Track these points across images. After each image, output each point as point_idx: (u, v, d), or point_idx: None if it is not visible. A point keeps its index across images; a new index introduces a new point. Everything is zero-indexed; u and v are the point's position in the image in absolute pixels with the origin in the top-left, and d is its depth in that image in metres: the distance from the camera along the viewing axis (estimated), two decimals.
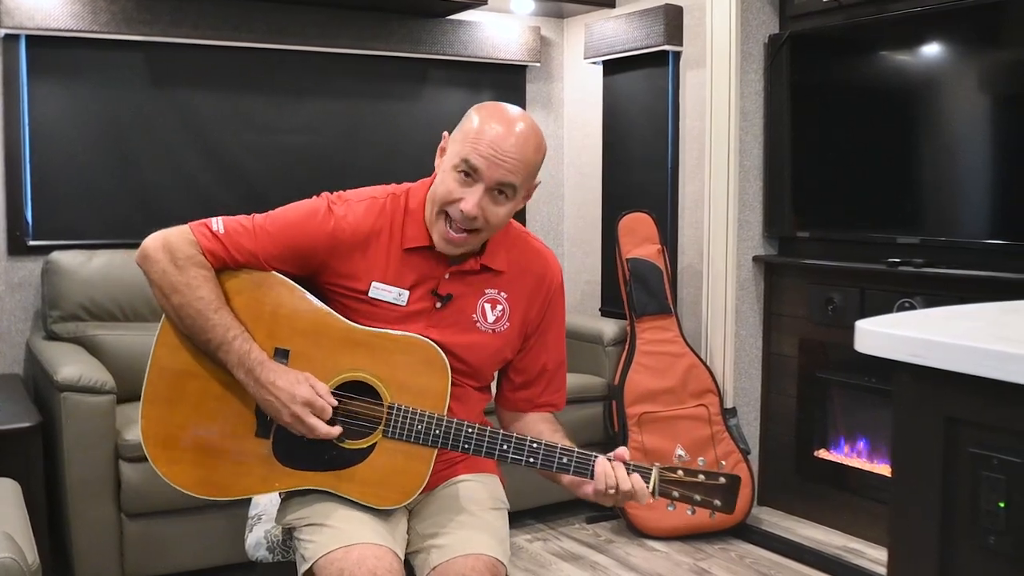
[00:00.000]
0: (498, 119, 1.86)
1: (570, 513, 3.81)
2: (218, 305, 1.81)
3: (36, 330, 3.50)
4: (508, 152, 1.81)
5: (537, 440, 1.84)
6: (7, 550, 1.73)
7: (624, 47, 4.11)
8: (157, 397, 1.85)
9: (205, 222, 1.86)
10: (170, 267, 1.82)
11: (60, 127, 3.55)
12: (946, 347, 1.27)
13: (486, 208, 1.81)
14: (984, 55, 3.09)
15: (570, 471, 1.83)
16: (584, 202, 4.57)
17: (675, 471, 1.87)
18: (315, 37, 3.92)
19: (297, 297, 1.86)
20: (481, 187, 1.80)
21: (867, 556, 3.34)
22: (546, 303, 2.02)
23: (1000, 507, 1.24)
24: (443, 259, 1.91)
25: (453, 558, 1.79)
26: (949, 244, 3.14)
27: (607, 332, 3.84)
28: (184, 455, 1.84)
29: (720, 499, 1.88)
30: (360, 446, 1.83)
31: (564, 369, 2.09)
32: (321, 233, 1.86)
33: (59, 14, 3.43)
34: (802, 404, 3.74)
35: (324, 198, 1.92)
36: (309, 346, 1.84)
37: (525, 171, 1.85)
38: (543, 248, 2.06)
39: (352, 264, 1.88)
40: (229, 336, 1.79)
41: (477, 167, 1.80)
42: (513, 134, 1.83)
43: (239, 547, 2.16)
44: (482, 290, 1.94)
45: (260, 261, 1.85)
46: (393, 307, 1.88)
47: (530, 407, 2.05)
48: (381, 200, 1.92)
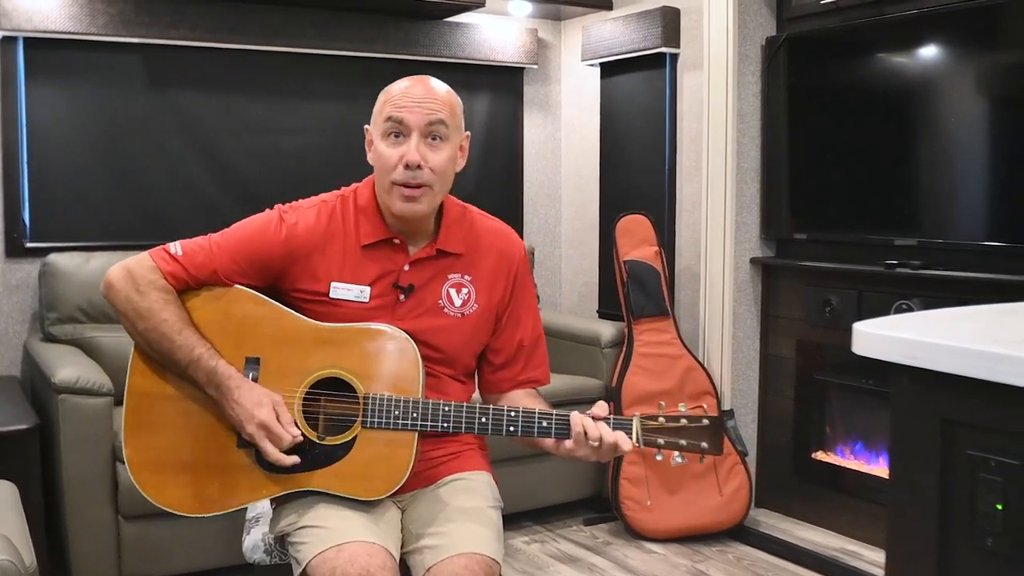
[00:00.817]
0: (403, 80, 1.94)
1: (567, 515, 3.81)
2: (181, 326, 1.84)
3: (33, 332, 3.50)
4: (423, 95, 1.89)
5: (514, 409, 1.86)
6: (4, 552, 1.73)
7: (621, 49, 4.12)
8: (138, 425, 1.88)
9: (164, 247, 1.92)
10: (133, 294, 1.87)
11: (58, 129, 3.54)
12: (943, 349, 1.27)
13: (426, 155, 1.87)
14: (981, 57, 3.09)
15: (551, 434, 1.84)
16: (581, 204, 4.58)
17: (656, 419, 1.86)
18: (312, 39, 3.93)
19: (261, 306, 1.90)
20: (413, 136, 1.87)
21: (865, 558, 3.34)
22: (512, 279, 2.03)
23: (997, 509, 1.24)
24: (401, 251, 1.95)
25: (447, 558, 1.79)
26: (946, 246, 3.14)
27: (604, 334, 3.84)
28: (171, 477, 1.86)
29: (707, 441, 1.87)
30: (341, 441, 1.84)
31: (543, 343, 2.10)
32: (275, 242, 1.91)
33: (57, 16, 3.43)
34: (799, 406, 3.75)
35: (276, 209, 1.97)
36: (278, 352, 1.87)
37: (447, 108, 1.92)
38: (501, 226, 2.08)
39: (310, 268, 1.92)
40: (195, 355, 1.83)
41: (401, 118, 1.87)
42: (421, 82, 1.93)
43: (236, 549, 2.16)
44: (445, 275, 1.97)
45: (221, 277, 1.89)
46: (357, 305, 1.92)
47: (512, 385, 2.06)
48: (331, 203, 1.97)
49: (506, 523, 2.02)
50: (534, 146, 4.62)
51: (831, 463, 3.66)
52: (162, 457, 1.86)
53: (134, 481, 1.87)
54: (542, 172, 4.66)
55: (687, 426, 1.86)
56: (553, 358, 3.88)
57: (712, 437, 1.87)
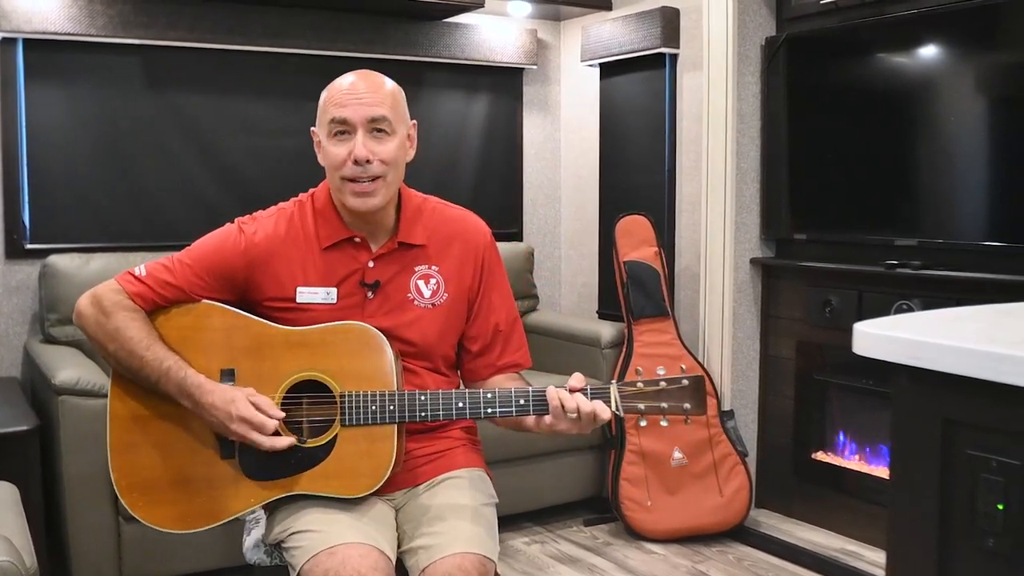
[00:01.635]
0: (341, 78, 1.96)
1: (567, 516, 3.81)
2: (149, 342, 1.86)
3: (34, 333, 3.50)
4: (364, 90, 1.90)
5: (491, 391, 1.86)
6: (5, 553, 1.73)
7: (621, 49, 4.12)
8: (121, 446, 1.89)
9: (129, 271, 1.94)
10: (100, 317, 1.89)
11: (57, 130, 3.54)
12: (944, 349, 1.27)
13: (372, 148, 1.88)
14: (981, 57, 3.09)
15: (529, 411, 1.84)
16: (581, 204, 4.58)
17: (634, 384, 1.84)
18: (312, 40, 3.93)
19: (229, 317, 1.91)
20: (359, 132, 1.88)
21: (865, 558, 3.34)
22: (479, 265, 2.04)
23: (998, 509, 1.24)
24: (363, 249, 1.96)
25: (440, 558, 1.80)
26: (947, 246, 3.14)
27: (604, 334, 3.84)
28: (159, 496, 1.88)
29: (689, 402, 1.84)
30: (322, 442, 1.85)
31: (519, 327, 2.10)
32: (235, 254, 1.93)
33: (56, 17, 3.43)
34: (800, 406, 3.74)
35: (236, 222, 1.99)
36: (252, 361, 1.88)
37: (388, 101, 1.93)
38: (463, 213, 2.09)
39: (274, 276, 1.93)
40: (163, 368, 1.84)
41: (344, 117, 1.88)
42: (361, 77, 1.94)
43: (236, 550, 2.16)
44: (411, 268, 1.98)
45: (187, 294, 1.91)
46: (325, 307, 1.93)
47: (493, 371, 2.06)
48: (289, 209, 2.00)
49: (506, 524, 2.02)
50: (533, 147, 4.62)
51: (831, 463, 3.66)
52: (149, 477, 1.88)
53: (124, 504, 1.88)
54: (542, 173, 4.66)
55: (667, 388, 1.84)
56: (553, 358, 3.94)
57: (694, 397, 1.84)
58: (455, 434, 2.05)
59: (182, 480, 1.87)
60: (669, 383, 1.84)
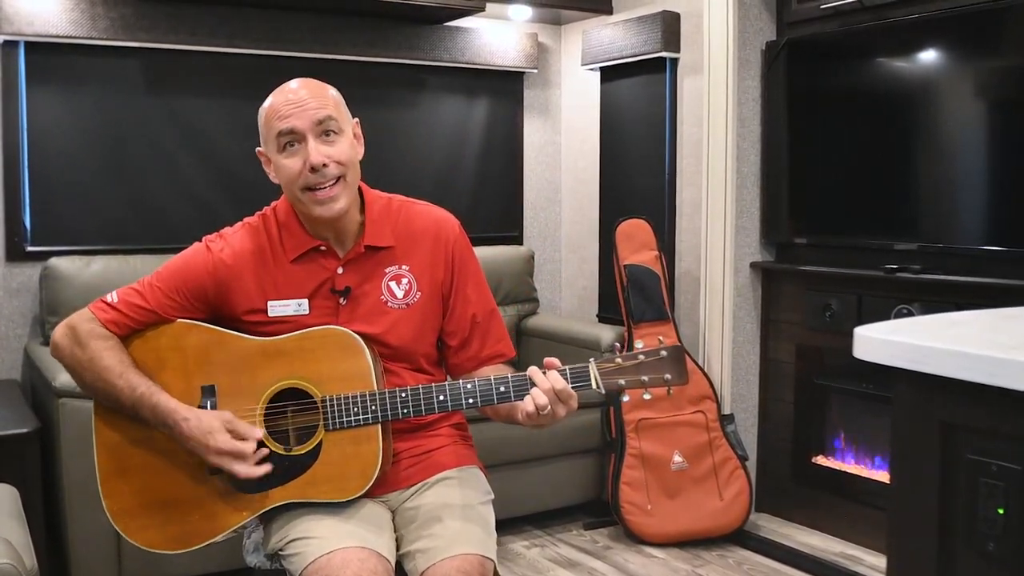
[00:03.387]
0: (276, 93, 1.94)
1: (567, 519, 3.81)
2: (122, 370, 1.86)
3: (34, 336, 3.50)
4: (304, 97, 1.88)
5: (470, 381, 1.85)
6: (6, 556, 1.73)
7: (621, 53, 4.12)
8: (110, 473, 1.89)
9: (101, 298, 1.94)
10: (75, 348, 1.89)
11: (59, 133, 3.55)
12: (944, 353, 1.27)
13: (327, 151, 1.87)
14: (981, 62, 3.10)
15: (511, 397, 1.83)
16: (581, 208, 4.58)
17: (612, 360, 1.82)
18: (312, 44, 3.93)
19: (204, 334, 1.91)
20: (309, 139, 1.86)
21: (865, 563, 3.34)
22: (450, 258, 2.02)
23: (999, 513, 1.24)
24: (330, 256, 1.96)
25: (439, 561, 1.80)
26: (947, 250, 3.14)
27: (604, 338, 3.83)
28: (152, 519, 1.88)
29: (670, 372, 1.83)
30: (308, 448, 1.85)
31: (498, 317, 2.08)
32: (204, 272, 1.93)
33: (58, 21, 3.43)
34: (799, 410, 3.75)
35: (203, 240, 1.99)
36: (230, 374, 1.88)
37: (331, 102, 1.91)
38: (430, 208, 2.07)
39: (244, 292, 1.93)
40: (136, 395, 1.84)
41: (291, 127, 1.86)
42: (300, 85, 1.92)
43: (237, 553, 2.16)
44: (380, 271, 1.97)
45: (160, 315, 1.92)
46: (297, 319, 1.93)
47: (477, 364, 2.05)
48: (254, 223, 2.00)
49: (505, 527, 2.02)
50: (534, 150, 4.62)
51: (831, 467, 3.66)
52: (140, 501, 1.88)
53: (118, 529, 1.89)
54: (542, 176, 4.66)
55: (646, 361, 1.83)
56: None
57: (674, 367, 1.83)
58: (444, 431, 2.04)
59: (172, 501, 1.88)
60: (647, 355, 1.83)
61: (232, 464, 1.80)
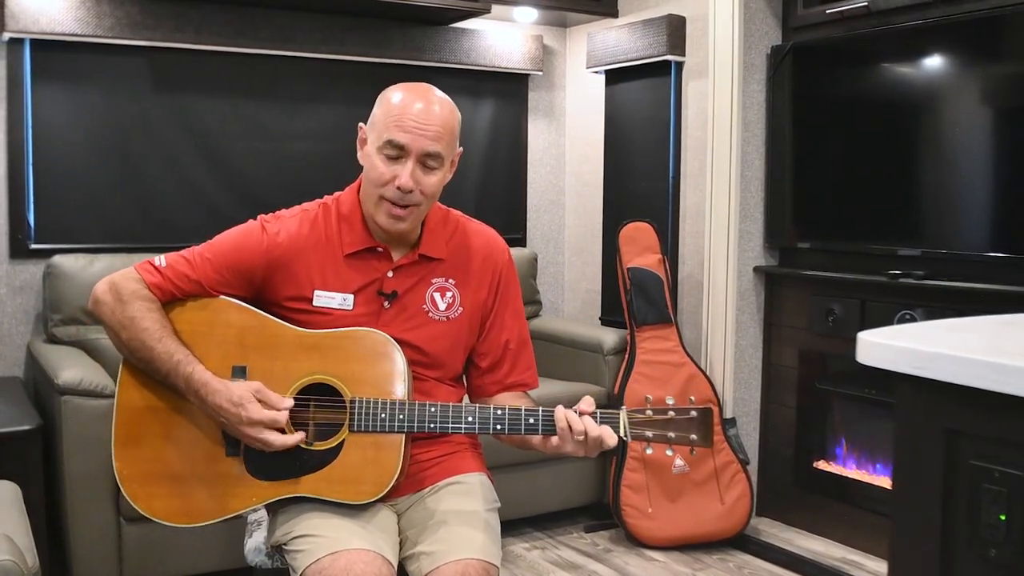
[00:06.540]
0: (412, 94, 1.90)
1: (568, 522, 3.81)
2: (162, 335, 1.85)
3: (37, 333, 3.50)
4: (429, 122, 1.86)
5: (501, 407, 1.85)
6: (7, 552, 1.73)
7: (626, 56, 4.12)
8: (127, 438, 1.89)
9: (149, 260, 1.93)
10: (116, 305, 1.88)
11: (63, 131, 3.55)
12: (947, 359, 1.27)
13: (419, 180, 1.87)
14: (985, 67, 3.10)
15: (538, 431, 1.83)
16: (585, 211, 4.58)
17: (643, 412, 1.84)
18: (319, 44, 3.93)
19: (245, 315, 1.91)
20: (410, 161, 1.86)
21: (866, 568, 3.34)
22: (496, 282, 2.04)
23: (1001, 519, 1.24)
24: (384, 258, 1.96)
25: (443, 564, 1.80)
26: (950, 256, 3.14)
27: (607, 341, 3.84)
28: (161, 489, 1.87)
29: (696, 433, 1.84)
30: (329, 446, 1.85)
31: (529, 348, 2.10)
32: (257, 252, 1.92)
33: (63, 19, 3.43)
34: (802, 415, 3.74)
35: (259, 220, 1.98)
36: (264, 359, 1.88)
37: (447, 134, 1.90)
38: (484, 229, 2.09)
39: (293, 277, 1.93)
40: (173, 361, 1.84)
41: (403, 143, 1.86)
42: (425, 101, 1.89)
43: (238, 552, 2.16)
44: (428, 280, 1.98)
45: (205, 288, 1.91)
46: (341, 313, 1.93)
47: (500, 388, 2.06)
48: (313, 212, 1.99)
49: (507, 529, 2.02)
50: (538, 152, 4.63)
51: (833, 472, 3.66)
52: (151, 469, 1.87)
53: (125, 494, 1.88)
54: (546, 179, 4.66)
55: (675, 418, 1.84)
56: (555, 365, 3.94)
57: (701, 429, 1.85)
58: (457, 438, 2.05)
59: (184, 475, 1.87)
60: (678, 413, 1.85)
61: (265, 434, 1.79)
